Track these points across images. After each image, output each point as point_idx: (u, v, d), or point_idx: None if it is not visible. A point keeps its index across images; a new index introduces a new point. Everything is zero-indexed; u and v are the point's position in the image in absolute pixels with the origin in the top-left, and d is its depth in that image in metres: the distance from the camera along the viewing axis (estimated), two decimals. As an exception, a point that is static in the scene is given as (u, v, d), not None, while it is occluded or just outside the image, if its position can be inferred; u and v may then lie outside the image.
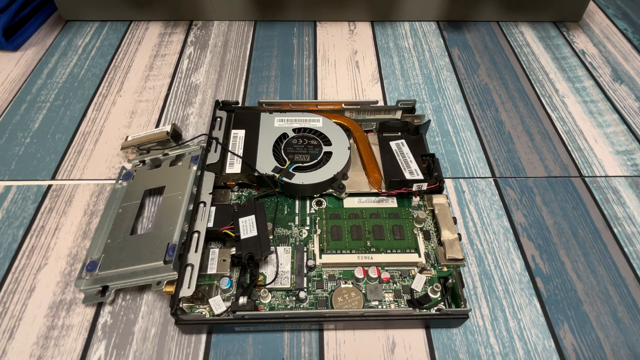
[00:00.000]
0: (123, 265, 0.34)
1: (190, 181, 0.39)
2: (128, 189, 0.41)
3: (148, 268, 0.34)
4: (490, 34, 0.65)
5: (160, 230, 0.36)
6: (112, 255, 0.35)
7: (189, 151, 0.43)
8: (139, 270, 0.34)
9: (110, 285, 0.34)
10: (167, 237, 0.35)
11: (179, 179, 0.40)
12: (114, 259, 0.35)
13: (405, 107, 0.45)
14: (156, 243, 0.35)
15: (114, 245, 0.36)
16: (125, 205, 0.39)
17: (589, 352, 0.34)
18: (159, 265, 0.33)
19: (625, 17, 0.70)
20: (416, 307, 0.33)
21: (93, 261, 0.35)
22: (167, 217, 0.37)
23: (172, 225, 0.36)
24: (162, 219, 0.37)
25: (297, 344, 0.34)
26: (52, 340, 0.33)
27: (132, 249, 0.35)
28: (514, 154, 0.48)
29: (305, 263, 0.35)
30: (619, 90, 0.56)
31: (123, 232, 0.37)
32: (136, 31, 0.63)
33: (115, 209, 0.39)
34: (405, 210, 0.39)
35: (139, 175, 0.42)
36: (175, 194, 0.38)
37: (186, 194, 0.38)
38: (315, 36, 0.63)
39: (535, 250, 0.40)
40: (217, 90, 0.54)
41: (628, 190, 0.45)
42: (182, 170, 0.41)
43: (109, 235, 0.37)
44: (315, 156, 0.40)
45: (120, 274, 0.34)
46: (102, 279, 0.34)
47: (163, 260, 0.33)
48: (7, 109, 0.51)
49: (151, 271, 0.33)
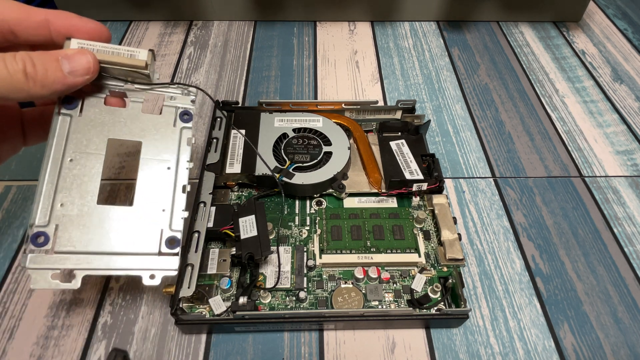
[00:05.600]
0: (95, 246, 0.27)
1: (178, 146, 0.30)
2: (76, 126, 0.28)
3: (136, 256, 0.27)
4: (490, 34, 0.65)
5: (145, 208, 0.28)
6: (71, 228, 0.27)
7: (171, 96, 0.31)
8: (122, 258, 0.27)
9: (77, 271, 0.26)
10: (159, 222, 0.28)
11: (160, 139, 0.30)
12: (77, 234, 0.27)
13: (405, 107, 0.45)
14: (143, 225, 0.28)
15: (71, 214, 0.27)
16: (79, 155, 0.28)
17: (589, 352, 0.34)
18: (151, 256, 0.27)
19: (625, 17, 0.70)
20: (416, 307, 0.33)
21: (42, 232, 0.26)
22: (153, 192, 0.29)
23: (162, 205, 0.29)
24: (146, 194, 0.29)
25: (297, 344, 0.34)
26: (52, 340, 0.33)
27: (104, 225, 0.27)
28: (514, 154, 0.48)
29: (305, 263, 0.35)
30: (619, 90, 0.56)
31: (84, 196, 0.27)
32: (136, 31, 0.63)
33: (60, 154, 0.28)
34: (405, 210, 0.39)
35: (93, 108, 0.29)
36: (160, 159, 0.30)
37: (176, 166, 0.30)
38: (315, 36, 0.63)
39: (535, 250, 0.40)
40: (217, 90, 0.54)
41: (628, 190, 0.45)
42: (165, 127, 0.31)
43: (60, 196, 0.27)
44: (315, 156, 0.40)
45: (91, 257, 0.27)
46: (62, 260, 0.26)
47: (158, 252, 0.27)
48: (7, 109, 0.51)
49: (140, 261, 0.27)
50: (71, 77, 0.25)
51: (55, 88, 0.25)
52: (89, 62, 0.26)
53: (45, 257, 0.26)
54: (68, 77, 0.25)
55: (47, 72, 0.24)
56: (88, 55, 0.26)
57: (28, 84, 0.23)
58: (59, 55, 0.25)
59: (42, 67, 0.24)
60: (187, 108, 0.31)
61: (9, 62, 0.23)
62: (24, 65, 0.23)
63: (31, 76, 0.23)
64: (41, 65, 0.24)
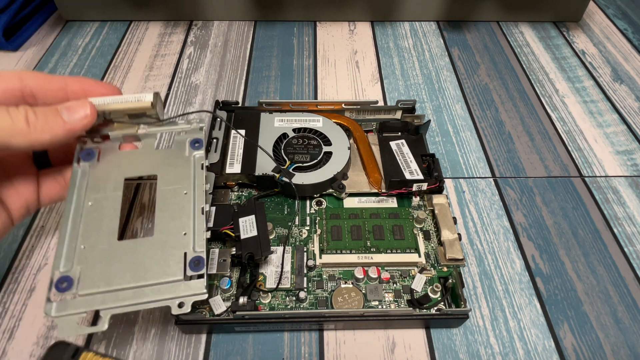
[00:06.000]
0: (119, 282, 0.26)
1: (194, 172, 0.31)
2: (94, 173, 0.30)
3: (161, 286, 0.26)
4: (490, 34, 0.65)
5: (167, 235, 0.28)
6: (94, 267, 0.27)
7: (180, 130, 0.33)
8: (147, 290, 0.26)
9: (103, 310, 0.25)
10: (181, 246, 0.28)
11: (175, 169, 0.31)
12: (100, 272, 0.26)
13: (405, 107, 0.45)
14: (165, 252, 0.27)
15: (94, 254, 0.27)
16: (98, 198, 0.29)
17: (589, 352, 0.34)
18: (177, 281, 0.26)
19: (625, 17, 0.70)
20: (416, 307, 0.33)
21: (65, 276, 0.26)
22: (172, 218, 0.29)
23: (183, 229, 0.29)
24: (166, 221, 0.29)
25: (297, 344, 0.34)
26: (52, 340, 0.33)
27: (126, 259, 0.27)
28: (514, 154, 0.48)
29: (305, 263, 0.35)
30: (619, 90, 0.56)
31: (105, 235, 0.28)
32: (136, 31, 0.63)
33: (81, 201, 0.29)
34: (405, 210, 0.39)
35: (108, 155, 0.31)
36: (177, 187, 0.30)
37: (193, 190, 0.30)
38: (315, 36, 0.63)
39: (535, 250, 0.40)
40: (217, 90, 0.54)
41: (628, 190, 0.45)
42: (178, 157, 0.32)
43: (82, 239, 0.28)
44: (315, 156, 0.40)
45: (116, 294, 0.26)
46: (88, 302, 0.25)
47: (183, 275, 0.27)
48: (7, 109, 0.51)
49: (167, 290, 0.26)
50: (69, 124, 0.27)
51: (55, 132, 0.27)
52: (86, 109, 0.28)
53: (70, 302, 0.25)
54: (67, 124, 0.27)
55: (47, 119, 0.26)
56: (86, 103, 0.28)
57: (29, 129, 0.25)
58: (59, 106, 0.27)
59: (42, 115, 0.26)
60: (197, 137, 0.33)
61: (12, 110, 0.25)
62: (25, 114, 0.25)
63: (32, 123, 0.25)
64: (42, 114, 0.26)
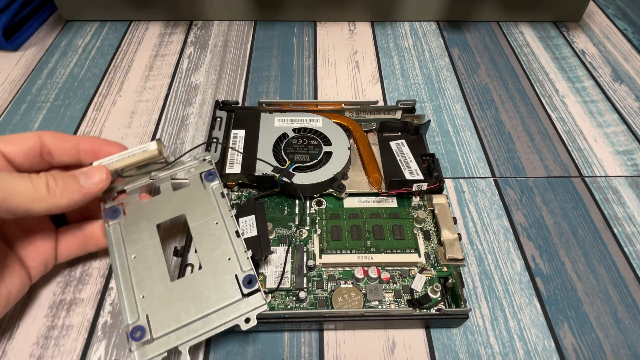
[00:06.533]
0: (186, 317, 0.28)
1: (216, 202, 0.33)
2: (126, 228, 0.33)
3: (224, 309, 0.29)
4: (490, 34, 0.65)
5: (214, 264, 0.31)
6: (160, 311, 0.29)
7: (189, 167, 0.36)
8: (214, 316, 0.29)
9: (181, 345, 0.28)
10: (230, 270, 0.30)
11: (199, 204, 0.34)
12: (167, 314, 0.29)
13: (405, 107, 0.45)
14: (218, 279, 0.30)
15: (155, 300, 0.29)
16: (138, 249, 0.32)
17: (589, 352, 0.34)
18: (237, 301, 0.29)
19: (625, 17, 0.70)
20: (416, 307, 0.33)
21: (138, 326, 0.28)
22: (213, 248, 0.31)
23: (226, 255, 0.31)
24: (209, 252, 0.31)
25: (297, 344, 0.34)
26: (52, 340, 0.33)
27: (186, 295, 0.29)
28: (514, 154, 0.48)
29: (305, 263, 0.35)
30: (619, 90, 0.56)
31: (158, 280, 0.30)
32: (136, 31, 0.63)
33: (123, 256, 0.32)
34: (405, 210, 0.39)
35: (133, 208, 0.34)
36: (207, 220, 0.33)
37: (222, 218, 0.33)
38: (315, 36, 0.63)
39: (535, 250, 0.40)
40: (217, 90, 0.54)
41: (628, 190, 0.45)
42: (197, 193, 0.34)
43: (138, 290, 0.30)
44: (315, 156, 0.40)
45: (187, 327, 0.28)
46: (165, 342, 0.28)
47: (241, 295, 0.29)
48: (7, 109, 0.51)
49: (230, 311, 0.29)
50: (86, 188, 0.30)
51: (73, 197, 0.29)
52: (102, 174, 0.31)
53: (149, 347, 0.28)
54: (84, 188, 0.30)
55: (66, 184, 0.29)
56: (102, 169, 0.31)
57: (49, 195, 0.28)
58: (76, 172, 0.31)
59: (62, 181, 0.29)
60: (209, 170, 0.35)
61: (33, 177, 0.28)
62: (46, 180, 0.28)
63: (52, 188, 0.28)
64: (61, 180, 0.29)
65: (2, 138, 0.31)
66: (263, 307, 0.29)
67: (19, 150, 0.31)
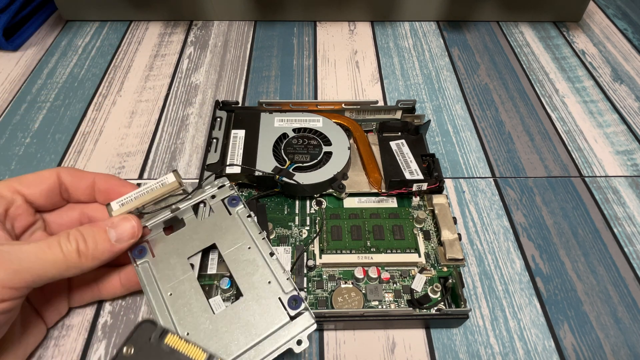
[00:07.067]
0: (237, 348, 0.28)
1: (245, 227, 0.33)
2: (157, 266, 0.32)
3: (274, 334, 0.28)
4: (490, 34, 0.65)
5: (255, 290, 0.30)
6: (209, 345, 0.28)
7: (209, 195, 0.35)
8: (265, 343, 0.28)
9: None
10: (272, 294, 0.30)
11: (227, 231, 0.33)
12: (217, 347, 0.28)
13: (405, 107, 0.45)
14: (262, 305, 0.29)
15: (201, 335, 0.29)
16: (174, 285, 0.31)
17: (589, 352, 0.34)
18: (286, 324, 0.29)
19: (625, 17, 0.70)
20: (416, 307, 0.33)
21: None
22: (251, 274, 0.31)
23: (266, 279, 0.31)
24: (248, 278, 0.31)
25: (297, 344, 0.34)
26: (52, 340, 0.33)
27: (232, 326, 0.29)
28: (514, 154, 0.48)
29: (305, 263, 0.35)
30: (619, 90, 0.56)
31: (200, 315, 0.30)
32: (136, 31, 0.63)
33: (159, 295, 0.30)
34: (405, 210, 0.39)
35: (160, 244, 0.33)
36: (239, 246, 0.32)
37: (254, 242, 0.32)
38: (315, 36, 0.63)
39: (535, 250, 0.40)
40: (217, 90, 0.54)
41: (628, 190, 0.45)
42: (224, 220, 0.34)
43: (181, 328, 0.29)
44: (315, 156, 0.40)
45: (240, 358, 0.28)
46: None
47: (289, 317, 0.29)
48: (7, 109, 0.51)
49: (280, 335, 0.28)
50: (118, 245, 0.29)
51: (104, 258, 0.28)
52: (133, 227, 0.30)
53: None
54: (115, 245, 0.29)
55: (97, 246, 0.28)
56: (132, 220, 0.30)
57: (80, 260, 0.27)
58: (106, 226, 0.29)
59: (92, 241, 0.28)
60: (230, 195, 0.35)
61: (63, 243, 0.27)
62: (77, 245, 0.27)
63: (83, 253, 0.27)
64: (92, 239, 0.28)
65: (21, 179, 0.30)
66: (313, 327, 0.28)
67: (40, 192, 0.30)
